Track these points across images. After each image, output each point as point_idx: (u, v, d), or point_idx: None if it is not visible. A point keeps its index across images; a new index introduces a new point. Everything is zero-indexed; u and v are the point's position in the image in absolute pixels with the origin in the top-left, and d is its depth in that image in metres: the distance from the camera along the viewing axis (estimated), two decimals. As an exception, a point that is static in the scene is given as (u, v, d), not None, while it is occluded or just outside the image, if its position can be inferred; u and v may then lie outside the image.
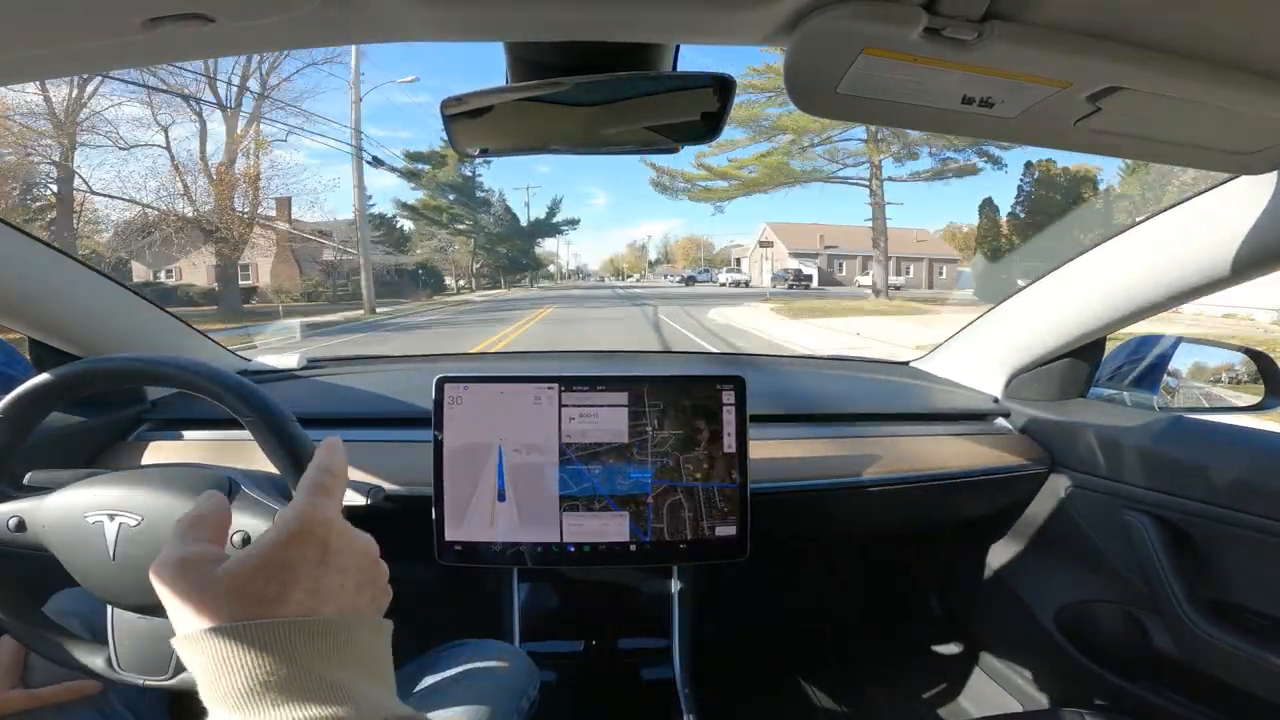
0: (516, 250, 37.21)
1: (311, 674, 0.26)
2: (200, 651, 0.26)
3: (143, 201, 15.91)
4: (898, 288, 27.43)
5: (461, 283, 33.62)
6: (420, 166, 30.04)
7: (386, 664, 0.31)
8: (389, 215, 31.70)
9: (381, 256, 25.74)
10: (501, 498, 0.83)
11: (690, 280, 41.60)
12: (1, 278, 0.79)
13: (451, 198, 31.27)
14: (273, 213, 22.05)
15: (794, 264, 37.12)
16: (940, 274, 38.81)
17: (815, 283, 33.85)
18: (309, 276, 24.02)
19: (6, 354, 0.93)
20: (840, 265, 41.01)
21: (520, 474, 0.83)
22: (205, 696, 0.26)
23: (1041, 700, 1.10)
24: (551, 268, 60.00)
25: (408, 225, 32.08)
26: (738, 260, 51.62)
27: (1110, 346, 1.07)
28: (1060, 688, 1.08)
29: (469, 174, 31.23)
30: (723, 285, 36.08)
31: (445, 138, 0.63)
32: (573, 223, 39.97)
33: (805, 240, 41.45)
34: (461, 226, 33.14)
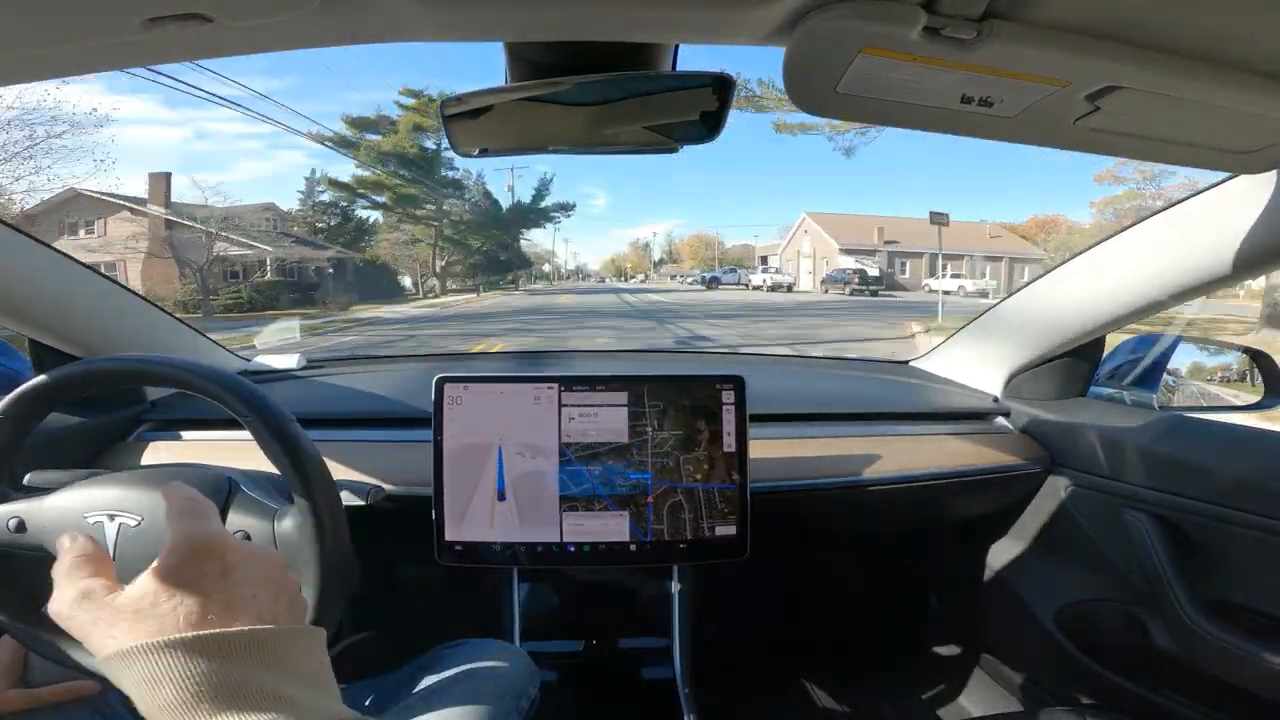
0: (495, 244, 29.30)
1: (245, 683, 0.26)
2: (126, 670, 0.26)
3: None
4: (984, 294, 22.39)
5: (431, 283, 26.22)
6: (370, 136, 23.81)
7: (324, 670, 0.30)
8: (343, 203, 24.79)
9: (289, 249, 19.86)
10: (501, 498, 0.83)
11: (713, 282, 32.30)
12: (2, 278, 0.79)
13: (405, 175, 24.35)
14: (139, 193, 16.91)
15: (849, 263, 28.13)
16: (1023, 275, 27.94)
17: (883, 286, 25.74)
18: (189, 279, 17.01)
19: (6, 354, 0.93)
20: (903, 265, 31.82)
21: (520, 474, 0.83)
22: (142, 711, 0.26)
23: (1042, 700, 1.10)
24: (547, 266, 52.65)
25: (376, 216, 25.37)
26: (763, 258, 42.46)
27: (1110, 346, 1.07)
28: (1060, 688, 1.08)
29: (432, 147, 24.61)
30: (758, 288, 28.49)
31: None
32: (566, 208, 31.55)
33: (857, 233, 31.80)
34: (421, 212, 25.69)
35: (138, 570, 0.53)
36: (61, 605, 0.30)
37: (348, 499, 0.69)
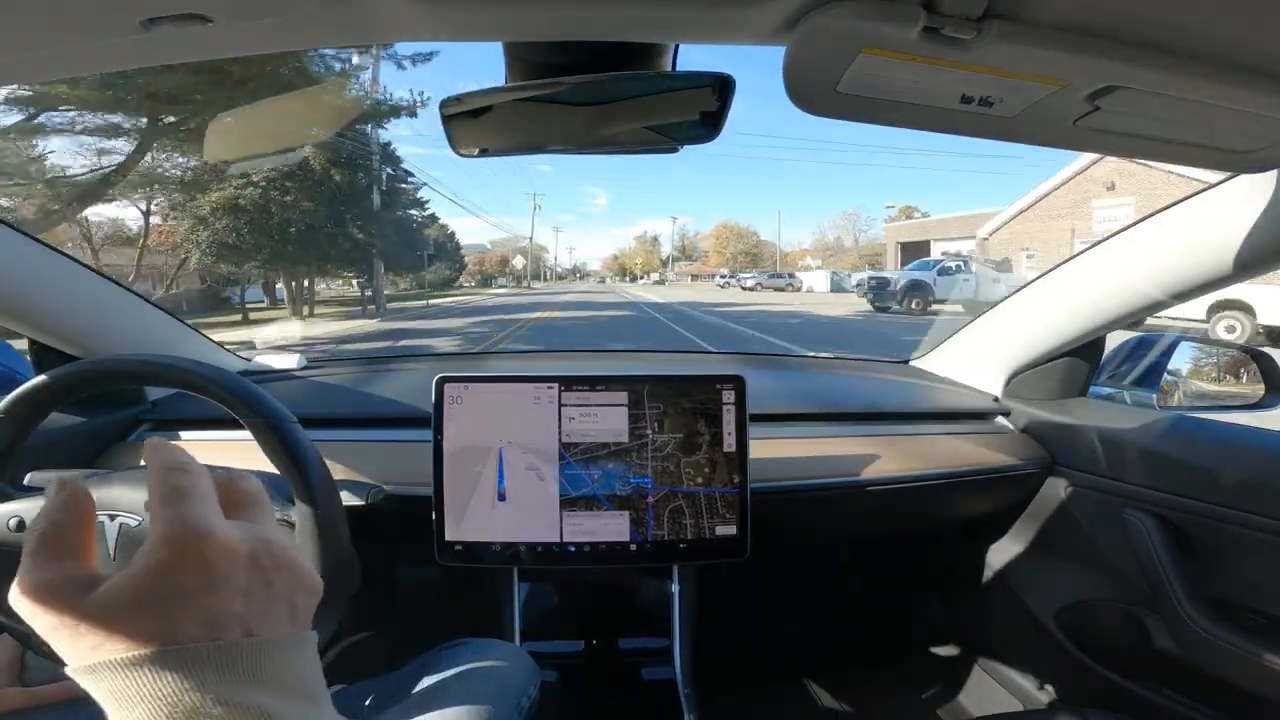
0: (361, 230, 15.36)
1: (224, 700, 0.23)
2: (96, 685, 0.24)
3: None
4: None
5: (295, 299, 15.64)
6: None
7: (312, 679, 0.27)
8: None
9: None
10: (501, 498, 0.83)
11: (884, 292, 13.81)
12: (2, 278, 0.79)
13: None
14: None
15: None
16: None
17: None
18: None
19: (6, 354, 0.93)
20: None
21: (520, 474, 0.83)
22: None
23: (1041, 700, 1.10)
24: (518, 261, 42.69)
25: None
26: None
27: (1110, 346, 1.07)
28: (1060, 688, 1.08)
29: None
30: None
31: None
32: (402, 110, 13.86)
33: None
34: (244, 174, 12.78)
35: None
36: (19, 598, 0.25)
37: (348, 499, 0.70)
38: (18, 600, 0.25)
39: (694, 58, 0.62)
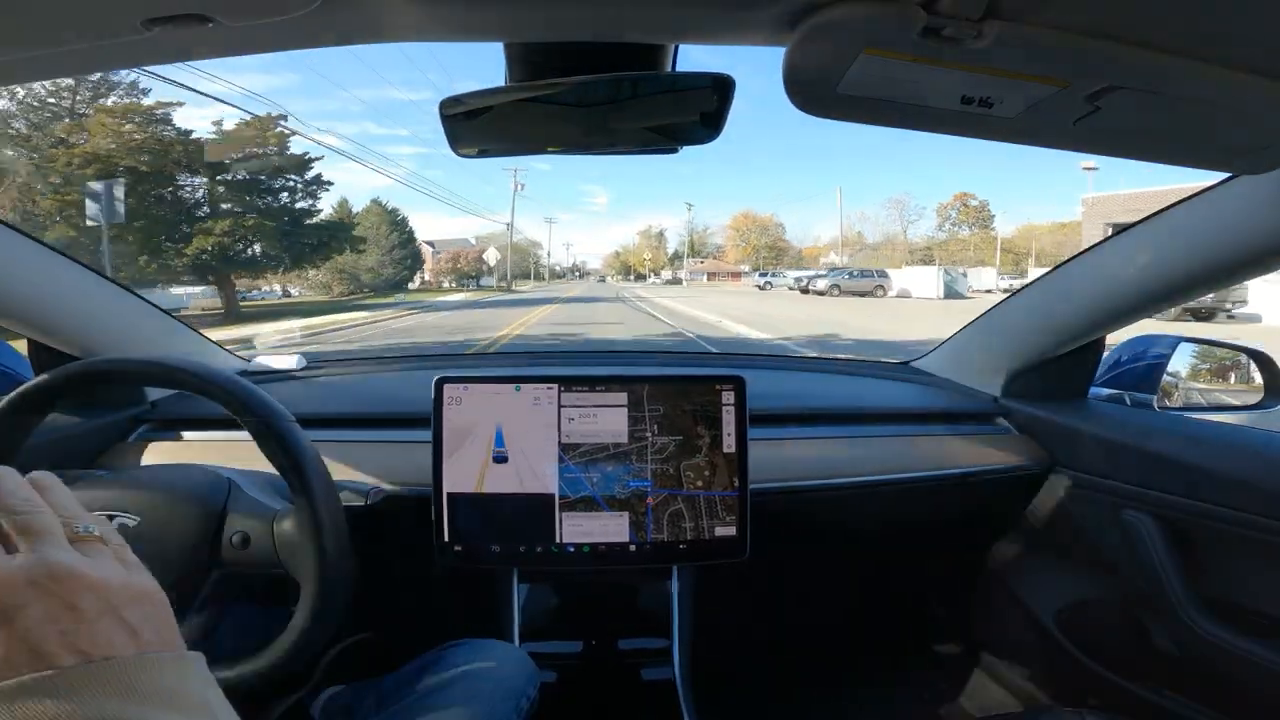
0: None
1: (106, 716, 0.23)
2: None
3: None
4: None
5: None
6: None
7: (193, 695, 0.27)
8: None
9: None
10: (501, 498, 0.83)
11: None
12: (2, 278, 0.79)
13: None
14: None
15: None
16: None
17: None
18: None
19: (6, 354, 0.93)
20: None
21: (519, 475, 0.83)
22: None
23: (1041, 700, 1.10)
24: (491, 255, 34.62)
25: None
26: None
27: (1110, 346, 1.07)
28: (1060, 688, 1.08)
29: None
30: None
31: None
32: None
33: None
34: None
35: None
36: None
37: (347, 499, 0.70)
38: None
39: (694, 58, 0.62)
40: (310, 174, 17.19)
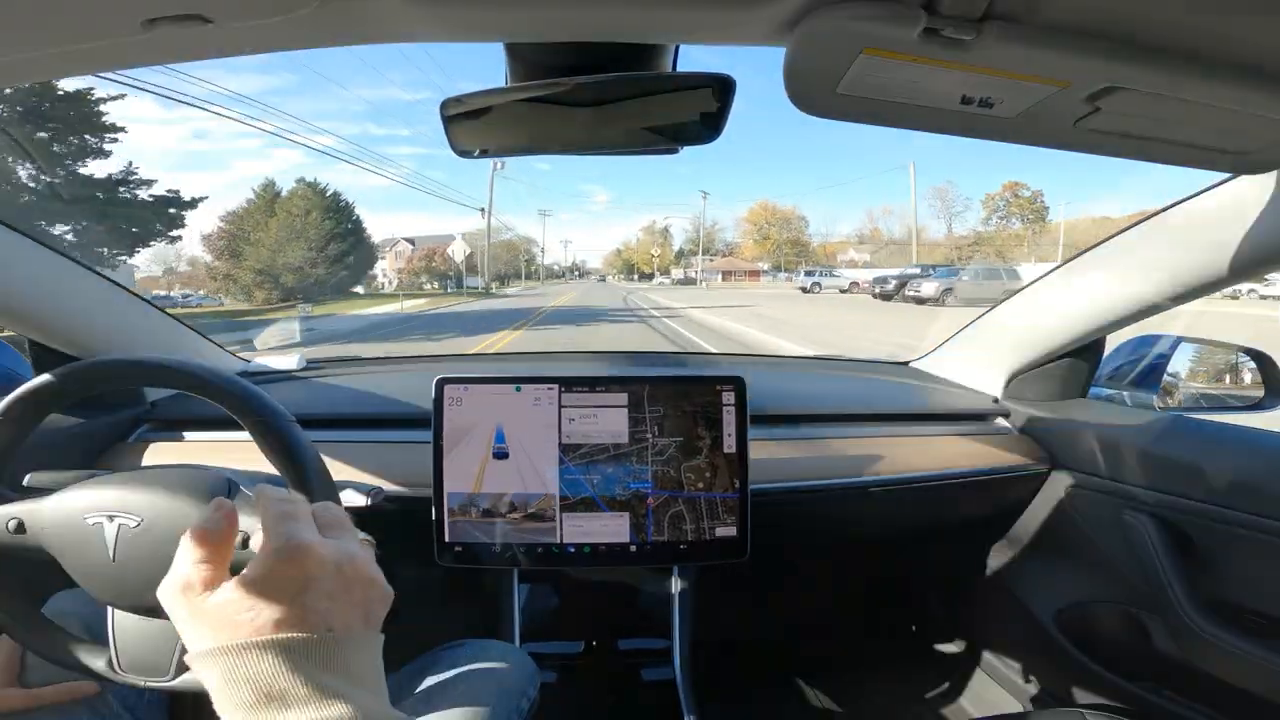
0: None
1: (310, 681, 0.29)
2: (208, 668, 0.29)
3: None
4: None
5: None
6: None
7: (377, 674, 0.33)
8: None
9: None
10: (501, 498, 0.83)
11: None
12: (2, 278, 0.79)
13: None
14: None
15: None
16: None
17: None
18: None
19: (6, 354, 0.93)
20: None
21: (520, 475, 0.83)
22: (218, 707, 0.29)
23: (1041, 700, 1.10)
24: (459, 250, 27.21)
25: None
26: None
27: (1110, 346, 1.07)
28: (1060, 688, 1.08)
29: None
30: None
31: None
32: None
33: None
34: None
35: (138, 571, 0.53)
36: (165, 590, 0.33)
37: (348, 500, 0.69)
38: (163, 591, 0.33)
39: (694, 58, 0.62)
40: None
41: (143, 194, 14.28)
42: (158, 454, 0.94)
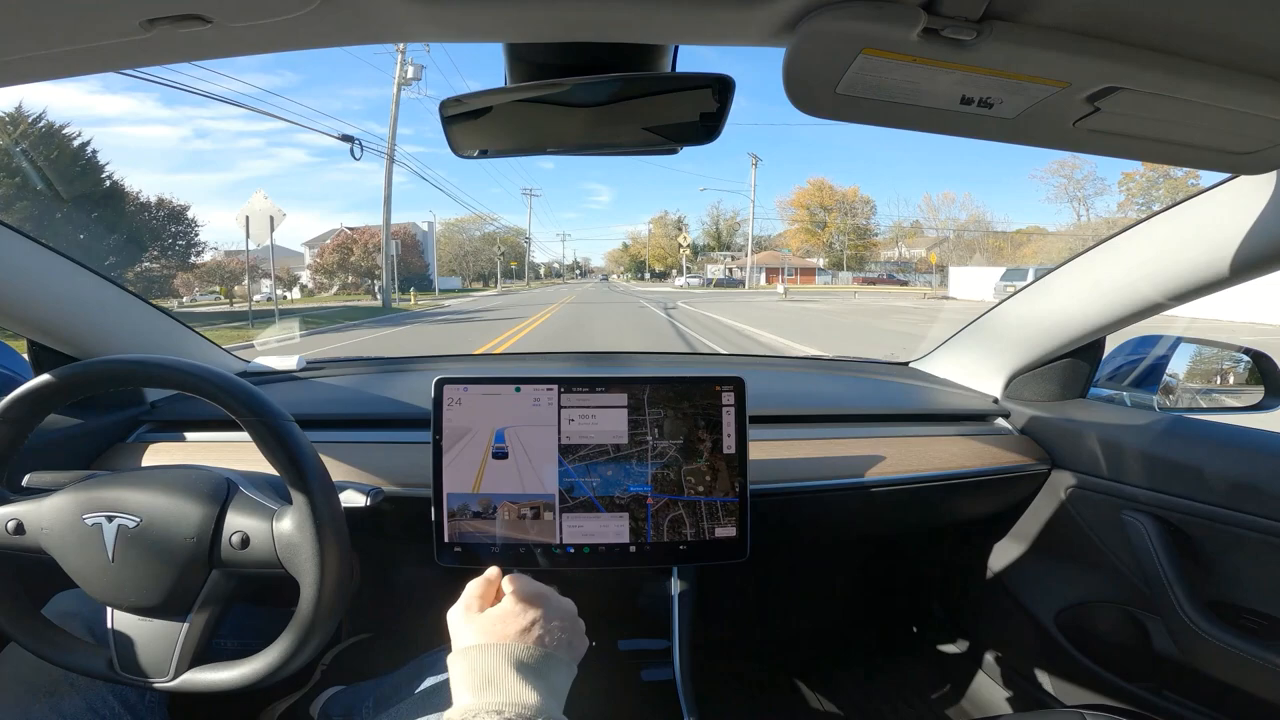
0: None
1: (523, 677, 0.46)
2: (465, 657, 0.48)
3: None
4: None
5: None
6: None
7: (565, 688, 0.52)
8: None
9: None
10: (501, 498, 0.83)
11: None
12: (1, 278, 0.79)
13: None
14: None
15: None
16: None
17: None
18: None
19: (5, 354, 0.93)
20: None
21: (519, 475, 0.83)
22: (456, 686, 0.47)
23: (1041, 700, 1.10)
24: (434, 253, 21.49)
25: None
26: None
27: (1110, 346, 1.07)
28: (1060, 688, 1.08)
29: None
30: None
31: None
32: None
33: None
34: None
35: (138, 570, 0.53)
36: (454, 613, 0.56)
37: (347, 500, 0.69)
38: (453, 614, 0.56)
39: (694, 58, 0.62)
40: None
41: None
42: (157, 454, 0.94)
